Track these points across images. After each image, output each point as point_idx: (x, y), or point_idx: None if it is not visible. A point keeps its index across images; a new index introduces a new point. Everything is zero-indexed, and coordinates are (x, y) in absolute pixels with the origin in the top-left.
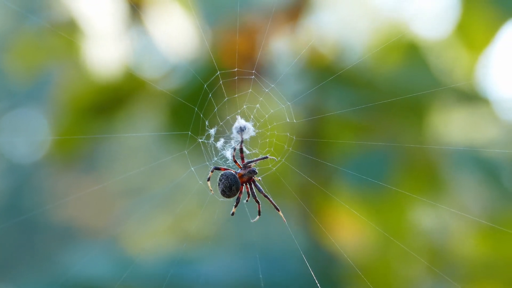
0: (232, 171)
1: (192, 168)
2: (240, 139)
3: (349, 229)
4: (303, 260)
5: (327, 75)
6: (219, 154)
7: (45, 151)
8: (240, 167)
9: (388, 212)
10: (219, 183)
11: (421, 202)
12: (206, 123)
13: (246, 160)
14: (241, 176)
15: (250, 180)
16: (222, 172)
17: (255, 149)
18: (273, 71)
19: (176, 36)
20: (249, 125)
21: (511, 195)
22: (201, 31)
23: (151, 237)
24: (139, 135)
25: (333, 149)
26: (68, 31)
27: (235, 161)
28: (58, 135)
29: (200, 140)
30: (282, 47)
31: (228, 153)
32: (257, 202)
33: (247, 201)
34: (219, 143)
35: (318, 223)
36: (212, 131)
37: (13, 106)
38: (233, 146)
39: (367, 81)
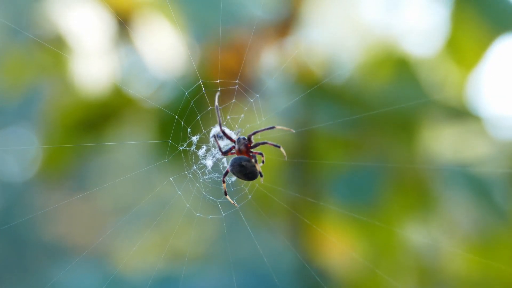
0: (234, 158)
1: (171, 178)
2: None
3: (339, 246)
4: (293, 277)
5: (316, 90)
6: (199, 162)
7: (35, 169)
8: (233, 151)
9: (378, 229)
10: (238, 175)
11: (411, 219)
12: (189, 130)
13: (227, 142)
14: (239, 151)
15: (248, 147)
16: (228, 167)
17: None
18: (262, 86)
19: (164, 52)
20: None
21: (501, 212)
22: (189, 47)
23: (139, 254)
24: (120, 143)
25: (322, 165)
26: (56, 48)
27: (225, 153)
28: (47, 152)
29: (180, 148)
30: (271, 62)
31: (209, 162)
32: (261, 154)
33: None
34: (201, 151)
35: (308, 240)
36: (194, 139)
37: (3, 125)
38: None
39: (357, 97)
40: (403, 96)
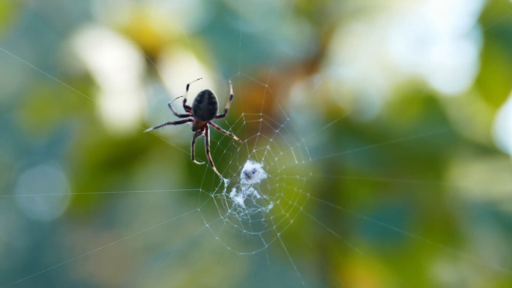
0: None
1: (207, 225)
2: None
3: (368, 284)
4: None
5: (345, 128)
6: (233, 205)
7: (64, 208)
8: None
9: (407, 267)
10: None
11: (440, 257)
12: (225, 181)
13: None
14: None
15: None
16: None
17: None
18: (290, 124)
19: (192, 90)
20: (258, 168)
21: None
22: (218, 85)
23: None
24: (150, 192)
25: (351, 203)
26: (83, 86)
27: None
28: (75, 191)
29: (212, 195)
30: (299, 100)
31: (240, 199)
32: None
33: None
34: (232, 193)
35: (336, 277)
36: (225, 181)
37: (32, 164)
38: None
39: (385, 135)
40: (432, 134)
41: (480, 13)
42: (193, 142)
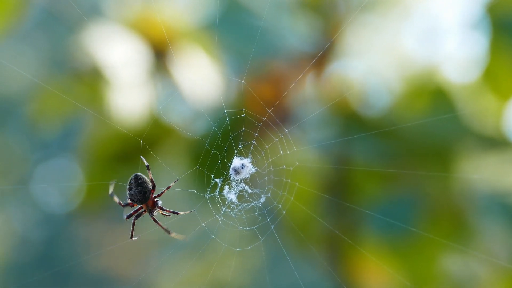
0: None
1: (203, 224)
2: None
3: (376, 276)
4: None
5: (353, 122)
6: (226, 202)
7: (78, 201)
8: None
9: (415, 259)
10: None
11: (448, 249)
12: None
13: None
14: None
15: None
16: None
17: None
18: (299, 118)
19: (201, 83)
20: (246, 163)
21: None
22: (226, 79)
23: (183, 285)
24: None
25: (359, 196)
26: (93, 81)
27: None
28: (88, 184)
29: (207, 196)
30: (308, 94)
31: (233, 196)
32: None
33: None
34: (225, 191)
35: (345, 270)
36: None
37: (47, 157)
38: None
39: (394, 128)
40: (441, 126)
41: (490, 4)
42: (154, 220)
